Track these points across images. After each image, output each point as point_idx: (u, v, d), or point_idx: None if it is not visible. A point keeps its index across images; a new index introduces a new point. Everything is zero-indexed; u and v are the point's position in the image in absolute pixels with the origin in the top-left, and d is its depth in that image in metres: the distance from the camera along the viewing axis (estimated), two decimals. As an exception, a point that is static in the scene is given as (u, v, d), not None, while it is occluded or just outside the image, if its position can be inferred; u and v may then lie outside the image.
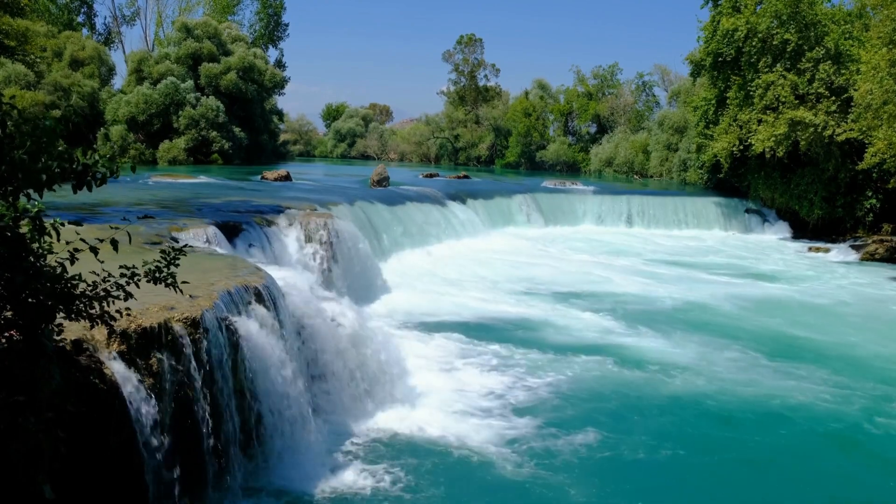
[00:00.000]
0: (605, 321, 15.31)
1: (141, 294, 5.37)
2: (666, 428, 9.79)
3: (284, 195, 20.92)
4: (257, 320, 7.93)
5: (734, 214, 33.38)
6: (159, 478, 6.15)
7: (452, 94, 75.99)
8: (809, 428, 9.98)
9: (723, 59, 32.30)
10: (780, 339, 14.50)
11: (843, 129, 28.04)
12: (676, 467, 8.74)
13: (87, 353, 5.76)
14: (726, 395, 11.05)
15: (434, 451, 8.72)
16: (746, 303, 17.71)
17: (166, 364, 6.40)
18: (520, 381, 11.23)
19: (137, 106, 44.76)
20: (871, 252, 26.33)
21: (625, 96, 64.64)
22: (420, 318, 14.83)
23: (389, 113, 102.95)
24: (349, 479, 7.83)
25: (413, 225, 23.14)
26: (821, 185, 30.76)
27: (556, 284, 18.96)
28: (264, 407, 7.70)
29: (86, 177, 4.46)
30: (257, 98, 50.80)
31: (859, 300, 18.92)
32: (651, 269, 22.29)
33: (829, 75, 29.17)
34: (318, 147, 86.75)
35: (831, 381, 11.81)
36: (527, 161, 66.47)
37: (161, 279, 5.25)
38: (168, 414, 6.40)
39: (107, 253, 4.78)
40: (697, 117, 37.04)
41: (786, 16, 29.75)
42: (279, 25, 67.74)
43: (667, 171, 49.66)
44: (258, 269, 9.19)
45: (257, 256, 12.97)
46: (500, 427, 9.43)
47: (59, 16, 56.34)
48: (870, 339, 14.76)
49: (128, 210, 14.63)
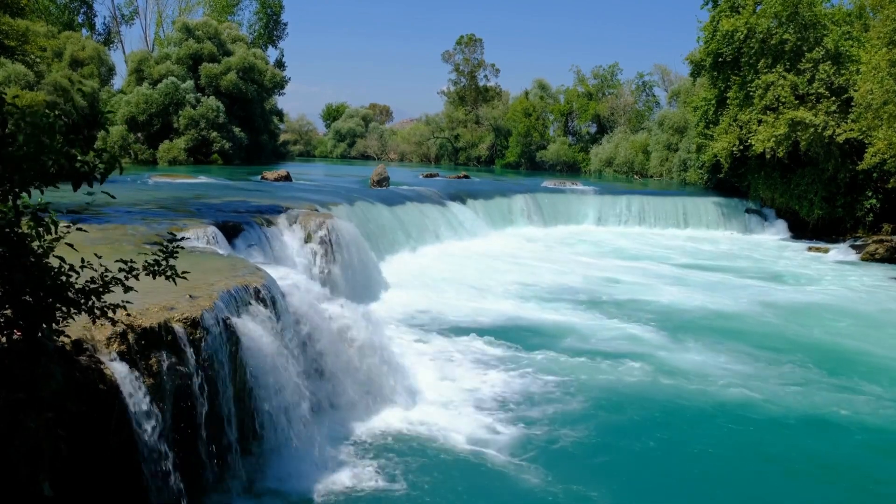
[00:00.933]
0: (609, 322, 15.30)
1: (141, 295, 5.37)
2: (679, 436, 9.79)
3: (284, 195, 20.91)
4: (257, 320, 7.92)
5: (734, 214, 33.39)
6: (159, 478, 6.14)
7: (452, 94, 76.01)
8: (863, 440, 9.67)
9: (722, 59, 32.31)
10: (818, 347, 14.09)
11: (844, 129, 28.04)
12: (675, 467, 8.75)
13: (87, 353, 5.76)
14: (759, 402, 10.87)
15: (435, 450, 8.71)
16: (759, 305, 17.66)
17: (166, 364, 6.40)
18: (522, 382, 11.21)
19: (137, 106, 44.78)
20: (871, 252, 26.32)
21: (625, 96, 64.65)
22: (420, 317, 14.82)
23: (389, 113, 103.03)
24: (350, 479, 7.83)
25: (413, 225, 23.14)
26: (821, 186, 30.76)
27: (557, 284, 18.94)
28: (264, 406, 7.69)
29: (87, 175, 4.45)
30: (257, 98, 50.81)
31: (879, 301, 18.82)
32: (653, 268, 22.29)
33: (828, 76, 29.17)
34: (318, 147, 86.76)
35: (883, 392, 11.41)
36: (527, 161, 66.48)
37: (160, 272, 5.22)
38: (168, 414, 6.39)
39: (107, 252, 4.78)
40: (697, 117, 37.04)
41: (785, 16, 29.76)
42: (278, 25, 67.79)
43: (667, 171, 49.65)
44: (258, 269, 9.18)
45: (257, 256, 12.97)
46: (500, 427, 9.43)
47: (58, 16, 56.38)
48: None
49: (127, 210, 14.62)
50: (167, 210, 15.35)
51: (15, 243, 4.37)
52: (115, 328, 5.94)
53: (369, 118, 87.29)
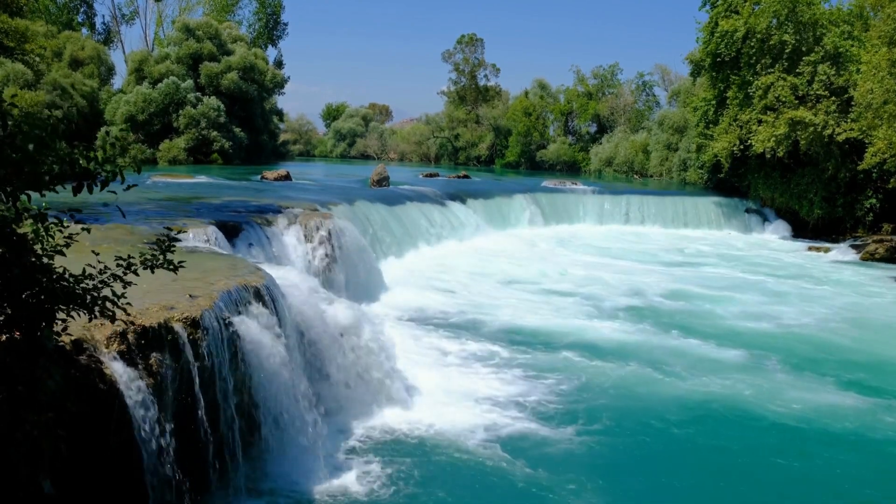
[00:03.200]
0: (613, 323, 15.30)
1: (141, 294, 5.35)
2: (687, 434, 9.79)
3: (284, 195, 20.89)
4: (257, 320, 7.91)
5: (734, 214, 33.41)
6: (159, 478, 6.13)
7: (452, 93, 76.04)
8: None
9: (721, 59, 32.32)
10: (815, 346, 14.07)
11: (843, 128, 28.04)
12: (673, 463, 8.75)
13: (87, 352, 5.75)
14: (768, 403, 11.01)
15: (436, 450, 8.71)
16: (758, 304, 17.70)
17: (166, 364, 6.39)
18: (522, 381, 11.21)
19: (137, 105, 44.76)
20: (871, 252, 26.30)
21: (625, 96, 64.68)
22: (420, 317, 14.82)
23: (389, 112, 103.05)
24: (351, 479, 7.83)
25: (413, 225, 23.12)
26: (821, 185, 30.76)
27: (559, 283, 18.94)
28: (265, 406, 7.68)
29: (86, 179, 4.44)
30: (257, 98, 50.80)
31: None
32: (651, 266, 22.30)
33: (828, 77, 29.17)
34: (318, 147, 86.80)
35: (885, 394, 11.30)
36: (527, 161, 66.50)
37: (158, 265, 5.19)
38: (168, 414, 6.38)
39: (106, 251, 4.77)
40: (697, 117, 37.04)
41: (783, 16, 29.74)
42: (278, 25, 67.77)
43: (667, 170, 49.67)
44: (258, 269, 9.17)
45: (257, 256, 12.96)
46: (500, 427, 9.41)
47: (58, 15, 56.40)
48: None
49: (127, 210, 14.61)
50: (167, 210, 15.34)
51: (15, 243, 4.36)
52: (114, 328, 5.93)
53: (369, 118, 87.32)
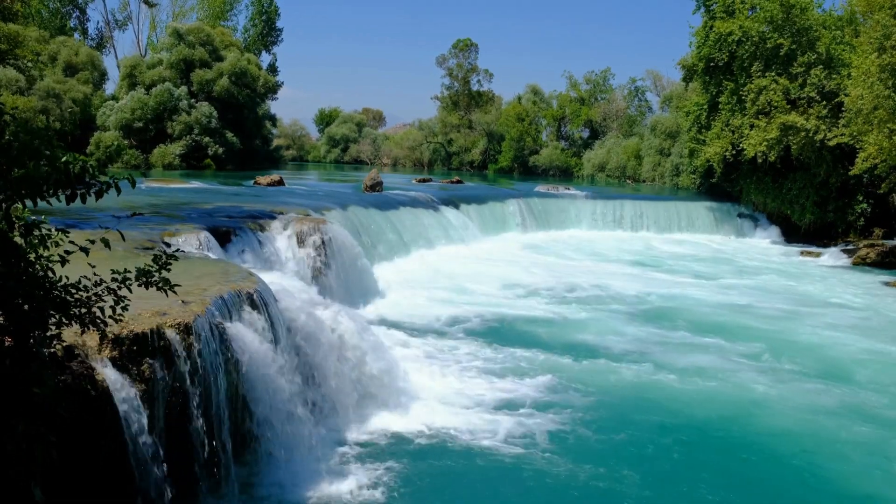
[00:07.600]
0: (617, 323, 15.36)
1: (133, 300, 5.34)
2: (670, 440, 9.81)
3: (277, 200, 20.87)
4: (250, 325, 7.90)
5: (727, 219, 33.54)
6: (151, 484, 6.10)
7: (446, 98, 76.16)
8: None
9: (715, 63, 32.47)
10: (808, 350, 14.07)
11: (835, 133, 28.20)
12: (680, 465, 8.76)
13: (78, 359, 5.73)
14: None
15: (432, 452, 8.71)
16: (751, 307, 17.76)
17: (158, 370, 6.37)
18: (519, 383, 11.20)
19: (133, 112, 44.71)
20: (862, 256, 26.43)
21: (617, 101, 64.98)
22: (413, 321, 14.81)
23: (382, 117, 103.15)
24: (345, 483, 7.79)
25: (406, 230, 23.12)
26: (812, 190, 30.92)
27: (553, 287, 18.95)
28: (258, 412, 7.66)
29: (80, 187, 4.45)
30: (250, 103, 50.73)
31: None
32: (643, 273, 22.36)
33: (820, 80, 29.36)
34: (312, 152, 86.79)
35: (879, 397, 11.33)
36: (520, 166, 66.65)
37: (153, 283, 5.22)
38: (160, 420, 6.36)
39: (99, 258, 4.77)
40: (690, 122, 37.19)
41: (779, 21, 29.94)
42: (273, 30, 67.66)
43: (659, 175, 49.87)
44: (251, 275, 9.16)
45: (250, 262, 12.94)
46: (498, 428, 9.40)
47: (50, 20, 56.17)
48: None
49: (119, 214, 14.54)
50: (160, 215, 15.29)
51: (7, 252, 4.35)
52: (106, 334, 5.92)
53: (362, 123, 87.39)
